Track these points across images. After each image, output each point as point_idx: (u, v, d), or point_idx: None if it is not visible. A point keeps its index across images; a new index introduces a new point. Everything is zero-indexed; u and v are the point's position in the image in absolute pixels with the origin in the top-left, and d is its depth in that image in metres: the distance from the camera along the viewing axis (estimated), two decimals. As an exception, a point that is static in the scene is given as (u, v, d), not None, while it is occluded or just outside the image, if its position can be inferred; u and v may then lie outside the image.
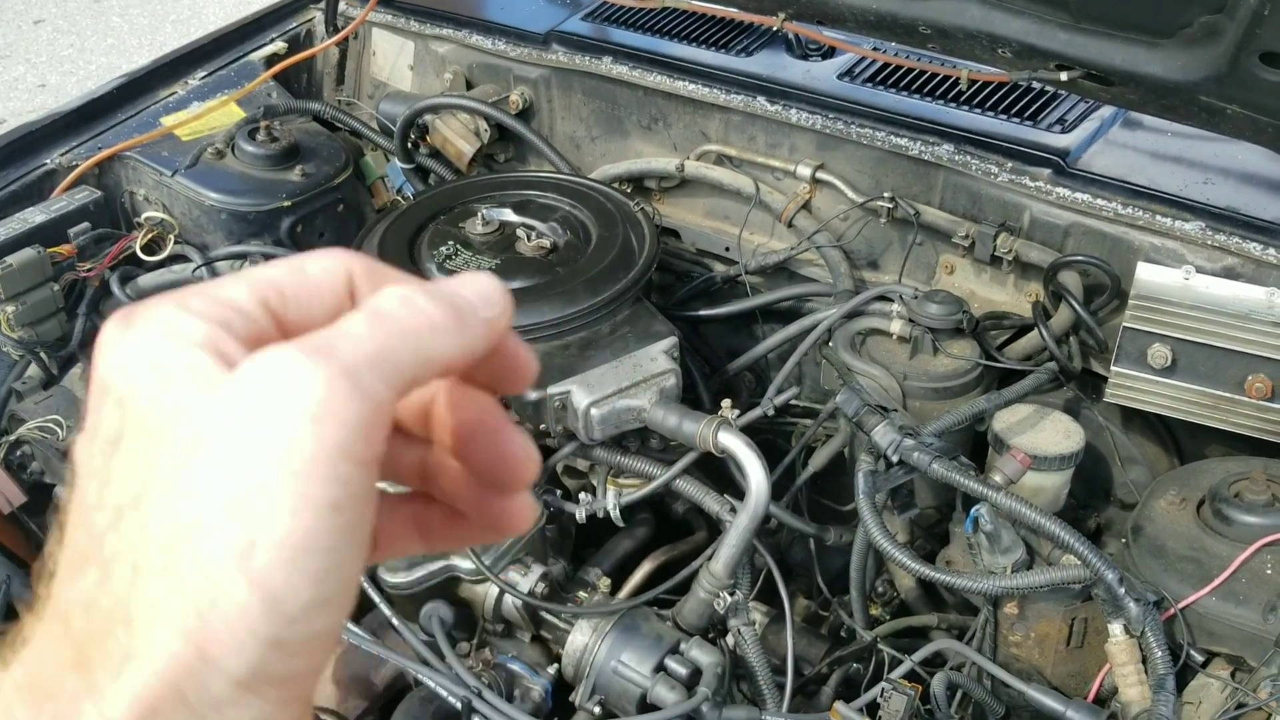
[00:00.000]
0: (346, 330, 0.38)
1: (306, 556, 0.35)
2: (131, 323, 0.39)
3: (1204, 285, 1.72)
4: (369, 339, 0.38)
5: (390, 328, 0.39)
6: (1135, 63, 1.57)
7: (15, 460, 2.00)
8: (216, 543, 0.35)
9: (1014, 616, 1.65)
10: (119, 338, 0.39)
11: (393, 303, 0.40)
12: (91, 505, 0.38)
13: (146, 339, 0.39)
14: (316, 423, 0.36)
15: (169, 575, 0.36)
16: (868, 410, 1.69)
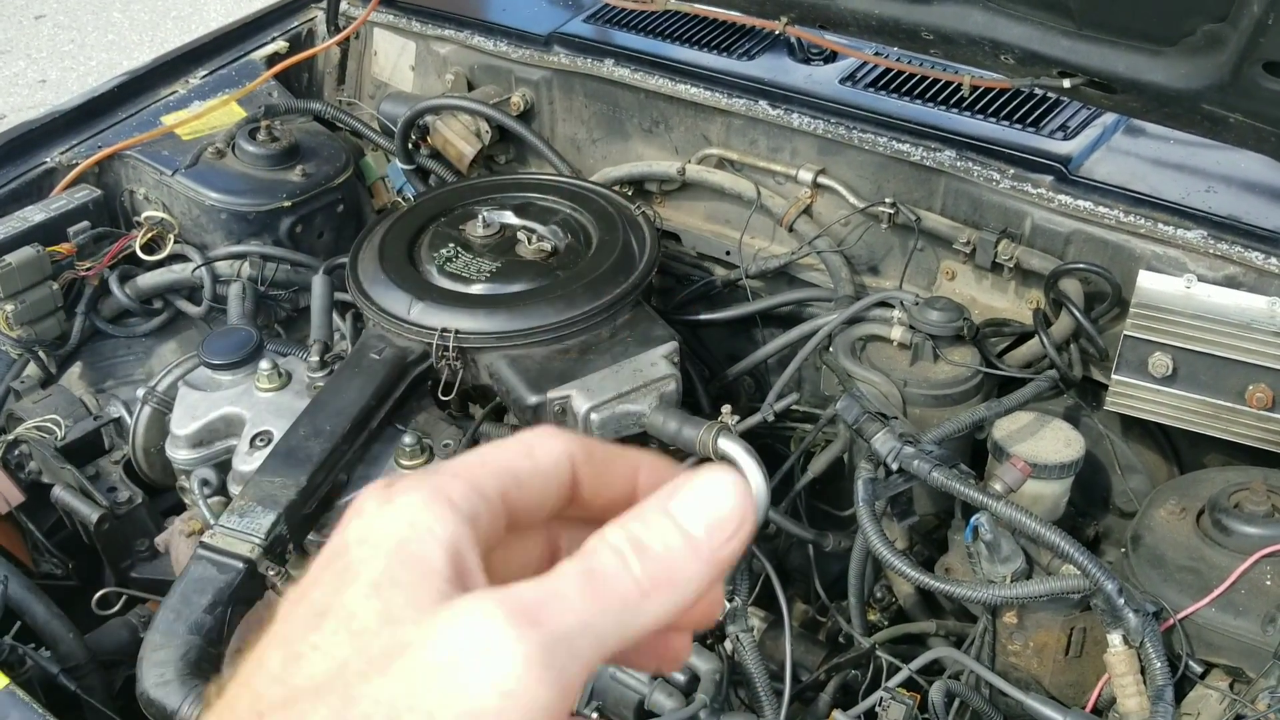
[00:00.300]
0: (558, 590, 0.38)
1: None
2: (390, 499, 0.40)
3: (1205, 294, 1.72)
4: (578, 608, 0.37)
5: (601, 597, 0.38)
6: (1138, 70, 1.56)
7: (13, 459, 2.00)
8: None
9: (1013, 625, 1.64)
10: (375, 509, 0.40)
11: (610, 562, 0.39)
12: (270, 674, 0.38)
13: (397, 522, 0.39)
14: (506, 698, 0.35)
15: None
16: (868, 417, 1.69)
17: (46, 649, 1.69)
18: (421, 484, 0.40)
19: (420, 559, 0.38)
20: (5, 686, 1.40)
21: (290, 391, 1.85)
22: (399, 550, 0.38)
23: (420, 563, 0.38)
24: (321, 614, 0.38)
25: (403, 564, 0.38)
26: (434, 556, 0.38)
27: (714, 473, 0.41)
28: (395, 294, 1.85)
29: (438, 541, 0.39)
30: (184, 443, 1.84)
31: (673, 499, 0.41)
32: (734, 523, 0.41)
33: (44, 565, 2.00)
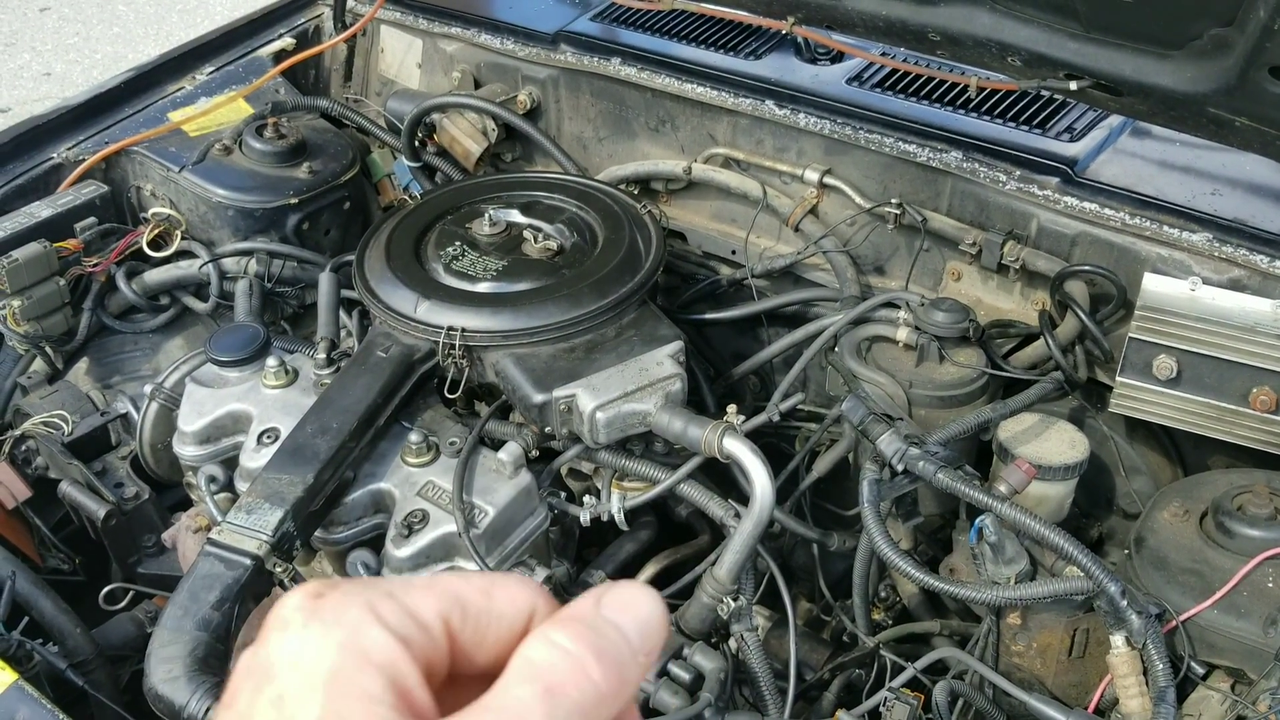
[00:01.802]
0: (519, 717, 0.36)
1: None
2: (318, 613, 0.38)
3: (1210, 297, 1.73)
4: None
5: (561, 709, 0.37)
6: (1145, 73, 1.57)
7: (20, 455, 2.01)
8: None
9: (1016, 626, 1.65)
10: (301, 624, 0.38)
11: (571, 676, 0.38)
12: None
13: (327, 644, 0.37)
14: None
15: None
16: (873, 418, 1.70)
17: (54, 644, 1.70)
18: (351, 599, 0.39)
19: (360, 691, 0.36)
20: (14, 682, 1.41)
21: (297, 388, 1.86)
22: (334, 682, 0.36)
23: (361, 695, 0.36)
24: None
25: (343, 697, 0.36)
26: (374, 687, 0.37)
27: (630, 584, 0.42)
28: (402, 292, 1.86)
29: (375, 669, 0.37)
30: (191, 439, 1.84)
31: (603, 604, 0.40)
32: (659, 632, 0.41)
33: (51, 560, 2.02)
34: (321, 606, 0.38)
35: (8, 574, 1.71)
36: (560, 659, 0.38)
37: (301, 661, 0.37)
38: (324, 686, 0.36)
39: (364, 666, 0.37)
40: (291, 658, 0.37)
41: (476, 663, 0.41)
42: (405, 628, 0.38)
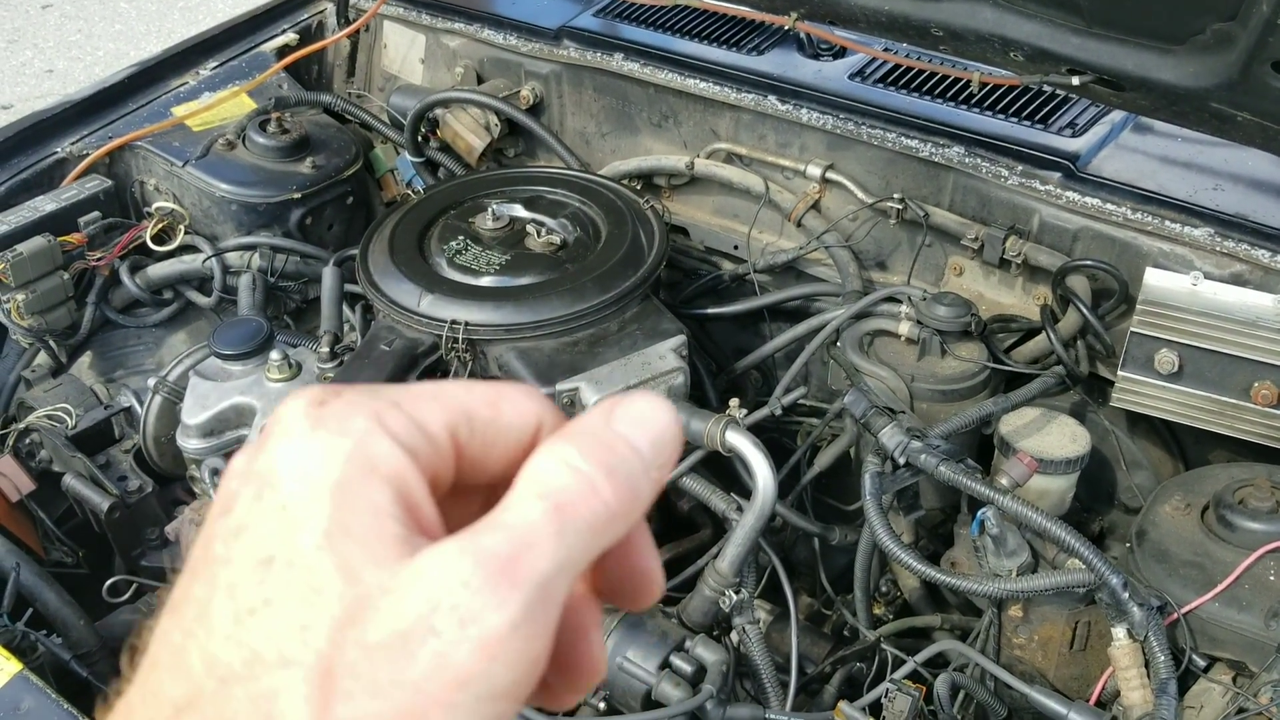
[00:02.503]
0: (531, 537, 0.35)
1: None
2: (322, 421, 0.36)
3: (1212, 291, 1.73)
4: (553, 553, 0.35)
5: (574, 531, 0.35)
6: (1147, 68, 1.57)
7: (24, 448, 2.01)
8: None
9: (1018, 619, 1.65)
10: (306, 431, 0.36)
11: (580, 491, 0.36)
12: (223, 631, 0.34)
13: (333, 453, 0.35)
14: (493, 662, 0.33)
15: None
16: (875, 411, 1.70)
17: (57, 636, 1.70)
18: (357, 408, 0.36)
19: (368, 503, 0.35)
20: (19, 671, 1.41)
21: (300, 382, 1.86)
22: (340, 491, 0.34)
23: (369, 508, 0.35)
24: (267, 562, 0.34)
25: (350, 509, 0.34)
26: (381, 500, 0.35)
27: (644, 394, 0.40)
28: (405, 286, 1.86)
29: (383, 480, 0.35)
30: (195, 432, 1.85)
31: (614, 418, 0.38)
32: (673, 445, 0.39)
33: (54, 553, 2.02)
34: (326, 415, 0.36)
35: (12, 566, 1.71)
36: (570, 476, 0.36)
37: (307, 470, 0.35)
38: (330, 496, 0.34)
39: (371, 478, 0.35)
40: (296, 466, 0.35)
41: (481, 475, 0.40)
42: (413, 439, 0.37)
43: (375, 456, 0.35)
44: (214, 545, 0.36)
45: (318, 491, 0.34)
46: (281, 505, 0.34)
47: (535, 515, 0.35)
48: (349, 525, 0.34)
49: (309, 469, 0.35)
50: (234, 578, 0.34)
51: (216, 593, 0.35)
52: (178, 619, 0.35)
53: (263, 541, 0.34)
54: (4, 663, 1.41)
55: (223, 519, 0.36)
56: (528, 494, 0.36)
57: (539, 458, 0.37)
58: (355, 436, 0.36)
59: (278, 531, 0.34)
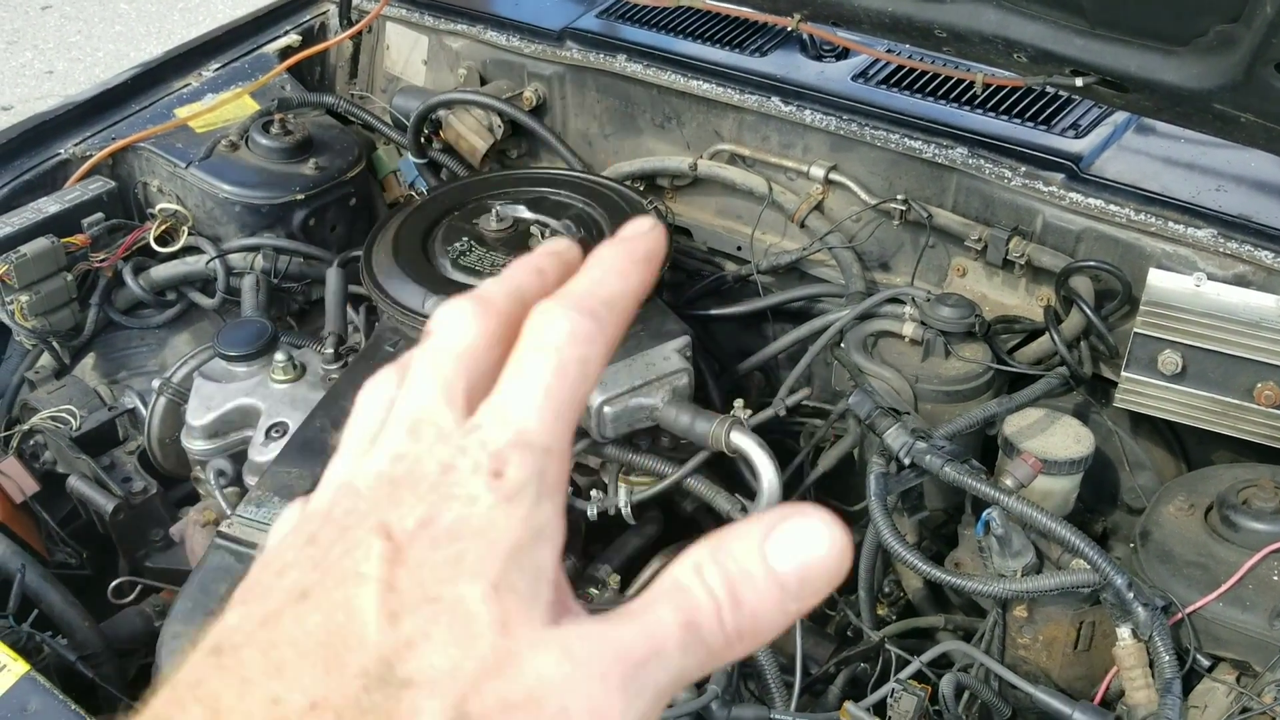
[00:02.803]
0: (661, 646, 0.37)
1: None
2: (503, 478, 0.39)
3: (1215, 292, 1.73)
4: (676, 664, 0.37)
5: (696, 650, 0.37)
6: (1150, 70, 1.57)
7: (28, 450, 2.02)
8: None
9: (1023, 619, 1.66)
10: (488, 501, 0.38)
11: (708, 612, 0.38)
12: (373, 650, 0.35)
13: (513, 519, 0.38)
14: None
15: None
16: (880, 412, 1.70)
17: (62, 637, 1.70)
18: (530, 463, 0.38)
19: (533, 565, 0.37)
20: (26, 672, 1.41)
21: (305, 383, 1.87)
22: (517, 555, 0.37)
23: (534, 569, 0.37)
24: (434, 600, 0.36)
25: (520, 570, 0.37)
26: (544, 563, 0.38)
27: (813, 516, 0.39)
28: (410, 287, 1.86)
29: (554, 551, 0.38)
30: (199, 433, 1.85)
31: (769, 540, 0.38)
32: (827, 579, 0.39)
33: (58, 555, 2.02)
34: (508, 480, 0.39)
35: (17, 568, 1.71)
36: (704, 597, 0.38)
37: (484, 528, 0.37)
38: (506, 558, 0.37)
39: (548, 551, 0.38)
40: (474, 523, 0.37)
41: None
42: (566, 472, 0.40)
43: (543, 524, 0.38)
44: (372, 549, 0.37)
45: (494, 550, 0.37)
46: (457, 556, 0.37)
47: (669, 621, 0.37)
48: (515, 584, 0.36)
49: (487, 527, 0.37)
50: (395, 605, 0.36)
51: (370, 604, 0.36)
52: (328, 618, 0.36)
53: (430, 579, 0.36)
54: (11, 664, 1.42)
55: (386, 539, 0.37)
56: (666, 599, 0.38)
57: (683, 562, 0.39)
58: (534, 501, 0.38)
59: (445, 574, 0.36)
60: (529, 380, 0.40)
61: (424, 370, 0.42)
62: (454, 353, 0.42)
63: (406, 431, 0.40)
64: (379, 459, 0.40)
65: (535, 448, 0.39)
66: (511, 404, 0.40)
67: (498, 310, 0.43)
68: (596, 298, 0.42)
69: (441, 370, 0.42)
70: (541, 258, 0.46)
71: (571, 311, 0.41)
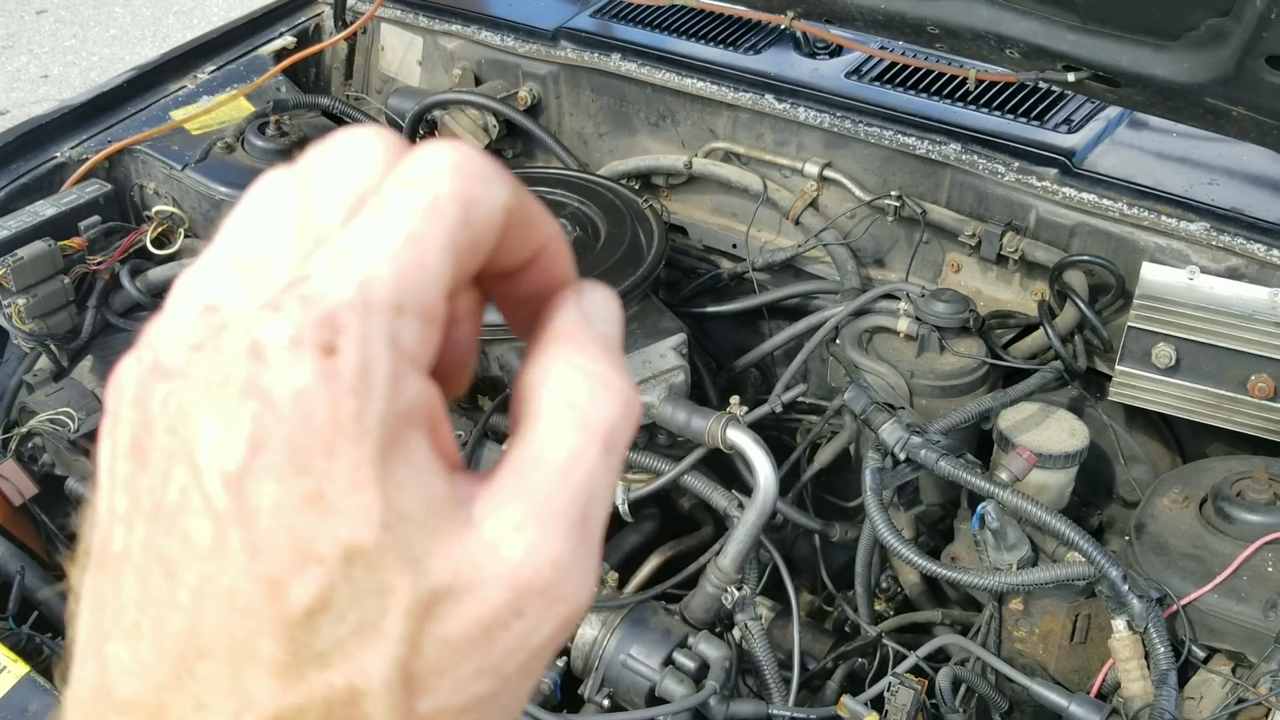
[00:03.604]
0: (588, 485, 0.31)
1: None
2: (336, 378, 0.28)
3: (1208, 285, 1.74)
4: (608, 494, 0.32)
5: (617, 456, 0.32)
6: (1142, 64, 1.58)
7: (26, 452, 2.02)
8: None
9: (1019, 612, 1.66)
10: (315, 389, 0.28)
11: (610, 414, 0.32)
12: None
13: (367, 421, 0.28)
14: (569, 626, 0.31)
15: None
16: (875, 408, 1.71)
17: (62, 639, 1.71)
18: (374, 332, 0.29)
19: (411, 470, 0.29)
20: (26, 674, 1.42)
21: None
22: (388, 463, 0.29)
23: (421, 478, 0.30)
24: (320, 559, 0.28)
25: (401, 485, 0.29)
26: (421, 457, 0.30)
27: (596, 286, 0.37)
28: (406, 287, 1.87)
29: (416, 430, 0.30)
30: (197, 434, 1.85)
31: (586, 311, 0.35)
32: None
33: (58, 557, 2.02)
34: (339, 368, 0.28)
35: (17, 570, 1.72)
36: (605, 398, 0.32)
37: (343, 452, 0.29)
38: (376, 480, 0.29)
39: (406, 435, 0.29)
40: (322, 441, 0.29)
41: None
42: (431, 343, 0.31)
43: (406, 408, 0.29)
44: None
45: (362, 468, 0.28)
46: (316, 494, 0.28)
47: (590, 456, 0.32)
48: (403, 506, 0.29)
49: (346, 449, 0.28)
50: (280, 572, 0.29)
51: (261, 584, 0.29)
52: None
53: (314, 537, 0.29)
54: (11, 665, 1.42)
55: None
56: (566, 421, 0.32)
57: (558, 372, 0.33)
58: (382, 391, 0.29)
59: (326, 523, 0.29)
60: (385, 219, 0.30)
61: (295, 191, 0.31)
62: (344, 186, 0.31)
63: (232, 272, 0.30)
64: (187, 318, 0.30)
65: (383, 310, 0.29)
66: (355, 249, 0.29)
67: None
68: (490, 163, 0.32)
69: (315, 199, 0.31)
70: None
71: (460, 148, 0.31)
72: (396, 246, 0.29)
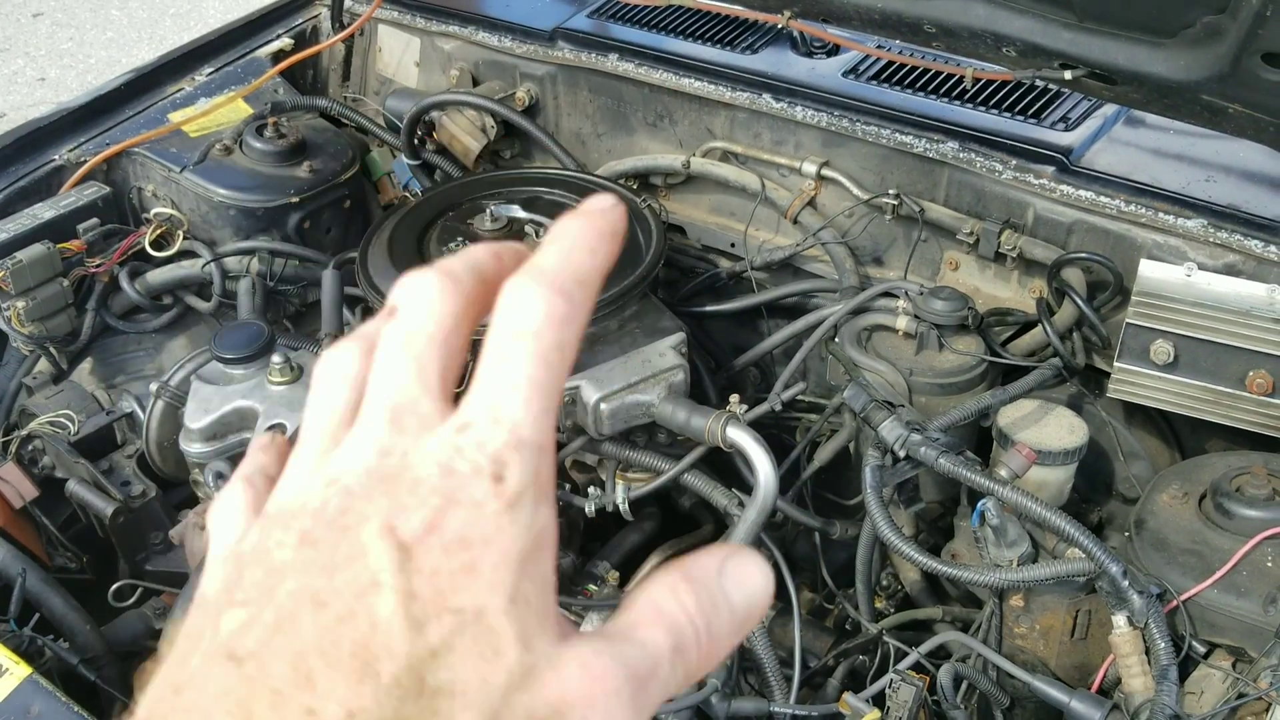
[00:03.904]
0: (658, 667, 0.38)
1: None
2: (504, 488, 0.38)
3: (1206, 282, 1.74)
4: (666, 686, 0.39)
5: (680, 671, 0.39)
6: (1138, 62, 1.58)
7: (27, 455, 2.02)
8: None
9: (1019, 609, 1.67)
10: (494, 508, 0.37)
11: (689, 639, 0.40)
12: (400, 657, 0.35)
13: (518, 526, 0.37)
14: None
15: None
16: (875, 405, 1.71)
17: (64, 640, 1.71)
18: (528, 466, 0.38)
19: (544, 580, 0.38)
20: (29, 675, 1.42)
21: (303, 385, 1.87)
22: (526, 564, 0.37)
23: (544, 584, 0.38)
24: (456, 612, 0.36)
25: (530, 581, 0.37)
26: (547, 570, 0.38)
27: (751, 553, 0.43)
28: (406, 288, 1.87)
29: (553, 557, 0.38)
30: (198, 436, 1.86)
31: (725, 574, 0.41)
32: (763, 609, 0.42)
33: (59, 559, 2.02)
34: (508, 487, 0.38)
35: (18, 572, 1.72)
36: (686, 623, 0.40)
37: (494, 538, 0.37)
38: (517, 567, 0.37)
39: (548, 556, 0.38)
40: (484, 532, 0.37)
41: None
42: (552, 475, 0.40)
43: (544, 529, 0.38)
44: (400, 548, 0.36)
45: (506, 558, 0.37)
46: (471, 563, 0.36)
47: (663, 644, 0.39)
48: (528, 596, 0.37)
49: (497, 537, 0.37)
50: (416, 612, 0.36)
51: (396, 608, 0.36)
52: (346, 626, 0.35)
53: (447, 587, 0.36)
54: (13, 667, 1.42)
55: (397, 538, 0.37)
56: (656, 622, 0.39)
57: (661, 590, 0.40)
58: (534, 507, 0.38)
59: (467, 589, 0.36)
60: (514, 372, 0.39)
61: (396, 350, 0.41)
62: (426, 332, 0.41)
63: (388, 421, 0.40)
64: (363, 452, 0.39)
65: (530, 447, 0.38)
66: (501, 399, 0.39)
67: (464, 287, 0.42)
68: (568, 275, 0.41)
69: (415, 351, 0.40)
70: (497, 245, 0.45)
71: (546, 291, 0.40)
72: (527, 396, 0.39)
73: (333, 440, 0.41)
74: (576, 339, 0.41)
